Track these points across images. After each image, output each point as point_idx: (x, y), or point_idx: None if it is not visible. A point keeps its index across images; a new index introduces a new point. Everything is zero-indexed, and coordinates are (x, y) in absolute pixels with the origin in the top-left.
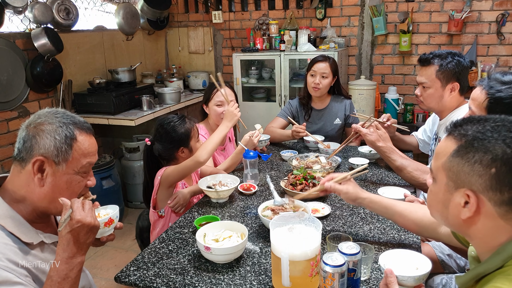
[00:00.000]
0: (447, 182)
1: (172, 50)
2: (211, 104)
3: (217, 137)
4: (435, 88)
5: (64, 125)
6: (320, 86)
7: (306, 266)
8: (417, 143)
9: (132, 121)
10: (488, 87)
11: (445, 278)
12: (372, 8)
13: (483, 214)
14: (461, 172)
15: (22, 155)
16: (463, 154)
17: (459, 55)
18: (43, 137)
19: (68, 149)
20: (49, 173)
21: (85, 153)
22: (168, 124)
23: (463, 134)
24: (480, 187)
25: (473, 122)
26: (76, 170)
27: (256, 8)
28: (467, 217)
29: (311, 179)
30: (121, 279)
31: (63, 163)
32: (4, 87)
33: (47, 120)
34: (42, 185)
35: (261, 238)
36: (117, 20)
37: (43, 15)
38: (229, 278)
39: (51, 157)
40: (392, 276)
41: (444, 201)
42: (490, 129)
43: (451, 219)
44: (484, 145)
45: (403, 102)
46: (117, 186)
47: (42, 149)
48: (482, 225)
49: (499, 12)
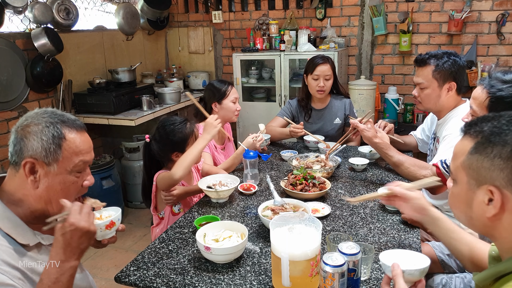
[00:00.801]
0: (468, 180)
1: (172, 50)
2: (227, 101)
3: (195, 151)
4: (432, 88)
5: (51, 124)
6: (325, 89)
7: (306, 266)
8: (416, 143)
9: (132, 121)
10: (489, 86)
11: (445, 278)
12: (372, 8)
13: (509, 211)
14: (481, 168)
15: (14, 159)
16: (481, 150)
17: (454, 54)
18: (30, 139)
19: (57, 148)
20: (42, 174)
21: (76, 152)
22: (169, 126)
23: (479, 131)
24: (503, 182)
25: (487, 120)
26: (68, 169)
27: (256, 8)
28: (492, 215)
29: (311, 179)
30: (121, 279)
31: (53, 163)
32: (4, 87)
33: (34, 121)
34: (36, 187)
35: (261, 238)
36: (117, 20)
37: (43, 15)
38: (229, 278)
39: (41, 158)
40: (398, 269)
41: (467, 201)
42: (505, 123)
43: (475, 219)
44: (502, 139)
45: (403, 102)
46: (117, 186)
47: (30, 151)
48: (508, 223)
49: (499, 12)
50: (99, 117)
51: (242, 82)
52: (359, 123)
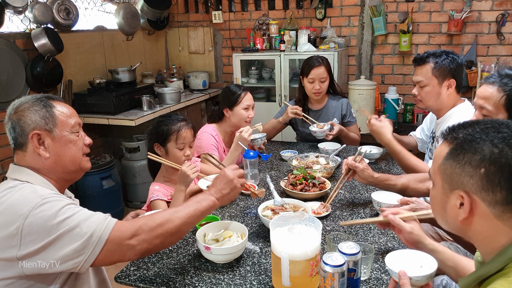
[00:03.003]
0: (443, 184)
1: (172, 50)
2: (238, 108)
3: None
4: (432, 85)
5: (38, 100)
6: (321, 91)
7: (306, 266)
8: (416, 143)
9: (132, 121)
10: (502, 84)
11: (446, 278)
12: (372, 8)
13: (478, 215)
14: (453, 173)
15: (19, 141)
16: (454, 156)
17: (452, 53)
18: (26, 116)
19: (52, 115)
20: (49, 142)
21: (68, 115)
22: (162, 117)
23: (455, 137)
24: (472, 188)
25: (465, 126)
26: (68, 131)
27: (256, 8)
28: (463, 218)
29: (311, 179)
30: (121, 279)
31: (54, 128)
32: (4, 87)
33: (22, 103)
34: (47, 156)
35: (261, 238)
36: (117, 20)
37: (43, 15)
38: (229, 278)
39: (43, 127)
40: (405, 277)
41: (442, 204)
42: (479, 131)
43: (450, 221)
44: (473, 146)
45: (403, 102)
46: (117, 186)
47: (31, 124)
48: (479, 226)
49: (499, 12)
50: (99, 117)
51: (242, 82)
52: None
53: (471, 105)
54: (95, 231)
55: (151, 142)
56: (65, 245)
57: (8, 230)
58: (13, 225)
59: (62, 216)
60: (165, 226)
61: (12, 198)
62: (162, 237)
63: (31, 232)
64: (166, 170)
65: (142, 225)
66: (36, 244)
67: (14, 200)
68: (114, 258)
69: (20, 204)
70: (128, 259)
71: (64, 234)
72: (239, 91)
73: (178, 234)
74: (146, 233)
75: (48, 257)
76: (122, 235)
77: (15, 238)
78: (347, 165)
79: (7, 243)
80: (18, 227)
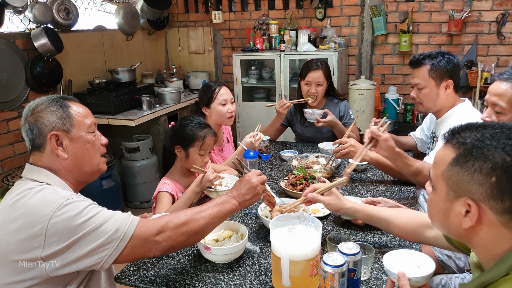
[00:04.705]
0: (447, 191)
1: (172, 50)
2: (215, 104)
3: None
4: (430, 87)
5: (54, 100)
6: (316, 95)
7: (306, 266)
8: (414, 143)
9: (132, 121)
10: None
11: (445, 278)
12: (372, 8)
13: (485, 223)
14: (461, 181)
15: (36, 142)
16: (462, 163)
17: (448, 54)
18: (43, 117)
19: (68, 115)
20: (67, 143)
21: (84, 115)
22: (186, 120)
23: (462, 142)
24: (481, 196)
25: (471, 129)
26: (85, 131)
27: (256, 8)
28: (469, 227)
29: (311, 179)
30: (121, 279)
31: (72, 128)
32: (4, 87)
33: (38, 104)
34: (66, 157)
35: (261, 238)
36: (117, 20)
37: (43, 15)
38: (229, 278)
39: (61, 128)
40: (404, 278)
41: (445, 211)
42: (488, 137)
43: (452, 229)
44: (484, 154)
45: (403, 102)
46: (117, 186)
47: (49, 125)
48: (484, 234)
49: (499, 12)
50: (99, 117)
51: (242, 82)
52: (380, 133)
53: (471, 105)
54: (120, 227)
55: (172, 143)
56: (90, 242)
57: (31, 231)
58: (36, 226)
59: (86, 216)
60: (190, 225)
61: (33, 199)
62: (187, 235)
63: (56, 233)
64: (180, 170)
65: (168, 222)
66: (61, 244)
67: (36, 201)
68: (139, 254)
69: (43, 205)
70: (152, 255)
71: (89, 233)
72: (214, 86)
73: (201, 233)
74: (171, 230)
75: (73, 256)
76: (148, 231)
77: (38, 238)
78: (370, 133)
79: (30, 244)
80: (42, 228)
